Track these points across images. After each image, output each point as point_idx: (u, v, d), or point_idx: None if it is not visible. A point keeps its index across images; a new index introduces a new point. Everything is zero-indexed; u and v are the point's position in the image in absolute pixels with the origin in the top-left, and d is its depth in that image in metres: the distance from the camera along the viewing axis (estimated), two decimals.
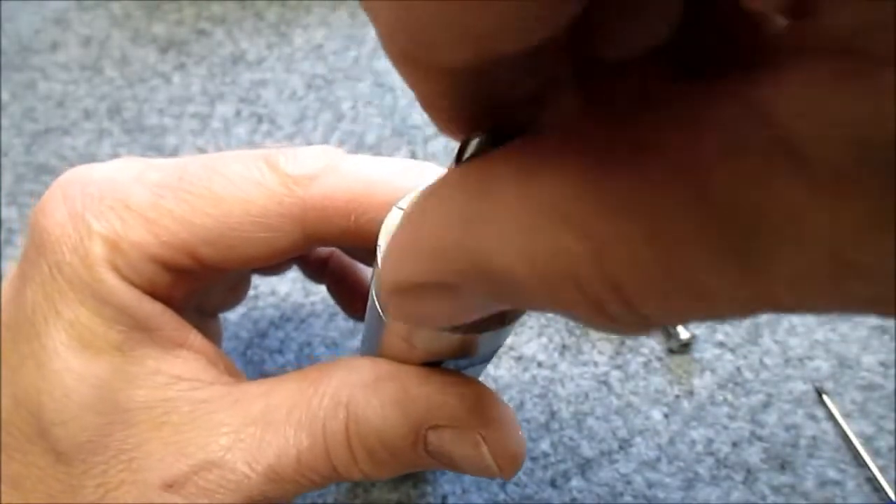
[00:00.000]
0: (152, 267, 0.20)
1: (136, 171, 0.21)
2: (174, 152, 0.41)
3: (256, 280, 0.35)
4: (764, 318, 0.35)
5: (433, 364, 0.20)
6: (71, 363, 0.19)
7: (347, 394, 0.19)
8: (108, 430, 0.19)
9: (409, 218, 0.12)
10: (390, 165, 0.21)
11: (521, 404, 0.33)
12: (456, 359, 0.19)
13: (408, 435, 0.19)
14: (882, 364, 0.33)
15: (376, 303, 0.18)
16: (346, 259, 0.29)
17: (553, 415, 0.33)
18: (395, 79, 0.43)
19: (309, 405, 0.19)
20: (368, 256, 0.22)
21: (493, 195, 0.11)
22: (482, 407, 0.19)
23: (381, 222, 0.18)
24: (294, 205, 0.20)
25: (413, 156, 0.40)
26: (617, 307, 0.10)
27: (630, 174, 0.09)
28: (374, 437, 0.19)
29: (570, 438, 0.32)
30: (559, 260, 0.10)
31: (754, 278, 0.09)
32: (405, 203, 0.18)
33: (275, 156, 0.20)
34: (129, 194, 0.20)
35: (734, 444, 0.32)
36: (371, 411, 0.19)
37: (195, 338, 0.21)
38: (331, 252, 0.29)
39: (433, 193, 0.12)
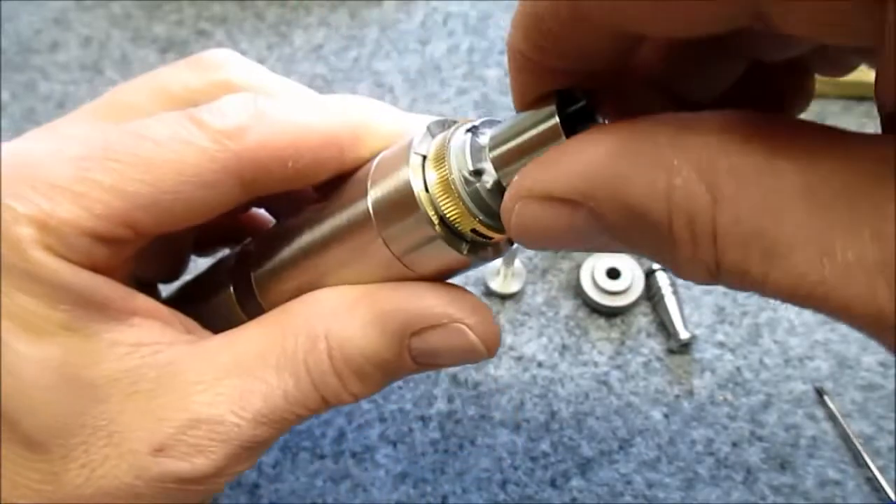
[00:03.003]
0: (87, 241, 0.19)
1: (51, 146, 0.20)
2: None
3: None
4: (764, 318, 0.35)
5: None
6: (23, 352, 0.19)
7: (323, 326, 0.20)
8: (79, 409, 0.19)
9: (561, 149, 0.15)
10: (316, 106, 0.20)
11: (521, 404, 0.33)
12: (439, 279, 0.20)
13: (392, 346, 0.20)
14: (882, 364, 0.33)
15: (373, 219, 0.19)
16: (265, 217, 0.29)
17: (553, 415, 0.33)
18: (395, 79, 0.43)
19: (283, 347, 0.20)
20: (299, 202, 0.22)
21: (645, 143, 0.13)
22: (458, 300, 0.20)
23: (317, 163, 0.20)
24: (228, 159, 0.19)
25: None
26: (706, 252, 0.12)
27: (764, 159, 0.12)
28: (360, 357, 0.20)
29: (570, 438, 0.32)
30: (687, 201, 0.12)
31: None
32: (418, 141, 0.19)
33: (198, 112, 0.19)
34: (51, 171, 0.19)
35: (734, 444, 0.32)
36: (352, 334, 0.20)
37: (144, 302, 0.21)
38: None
39: (584, 136, 0.15)
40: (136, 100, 0.23)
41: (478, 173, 0.18)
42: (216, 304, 0.24)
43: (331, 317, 0.20)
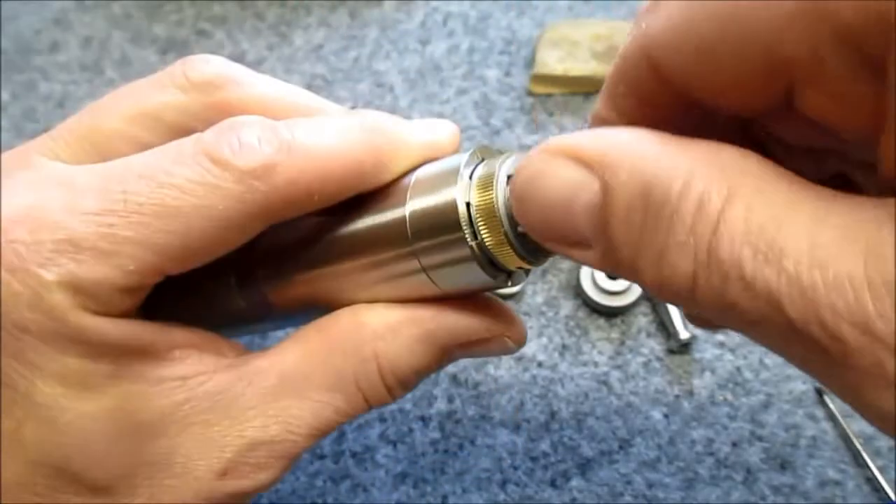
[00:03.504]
0: (120, 295, 0.19)
1: (64, 201, 0.19)
2: None
3: None
4: None
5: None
6: (80, 409, 0.19)
7: (371, 347, 0.21)
8: (139, 449, 0.20)
9: (617, 129, 0.15)
10: (336, 131, 0.20)
11: (521, 404, 0.33)
12: (461, 295, 0.21)
13: (439, 359, 0.21)
14: None
15: (408, 231, 0.19)
16: None
17: (553, 415, 0.33)
18: (395, 79, 0.43)
19: (331, 367, 0.21)
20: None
21: (681, 142, 0.14)
22: (496, 314, 0.21)
23: (339, 192, 0.20)
24: (257, 201, 0.19)
25: None
26: (701, 238, 0.13)
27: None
28: (411, 372, 0.21)
29: (570, 438, 0.32)
30: (704, 188, 0.13)
31: None
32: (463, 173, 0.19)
33: (216, 148, 0.19)
34: (71, 231, 0.18)
35: (734, 444, 0.32)
36: (402, 353, 0.21)
37: (178, 334, 0.21)
38: None
39: (625, 127, 0.15)
40: (120, 126, 0.22)
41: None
42: (213, 289, 0.24)
43: (378, 338, 0.21)
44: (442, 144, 0.22)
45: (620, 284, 0.34)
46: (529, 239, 0.18)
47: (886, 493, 0.30)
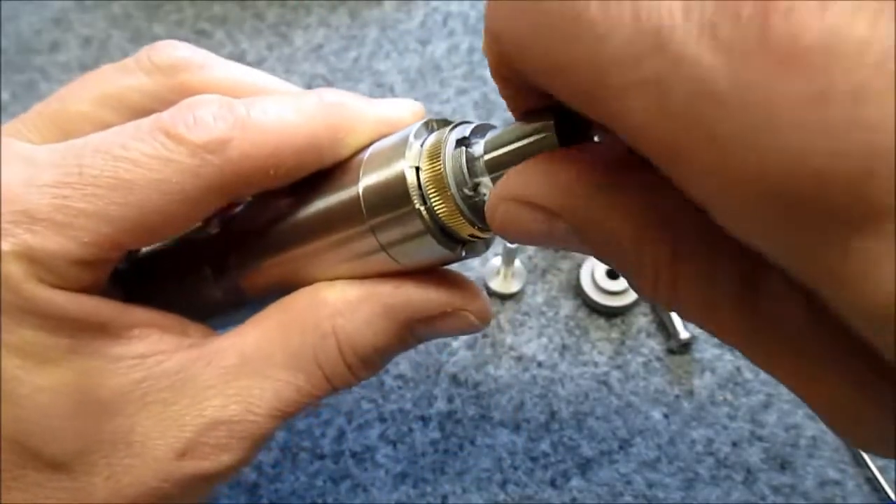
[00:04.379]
0: (77, 268, 0.19)
1: (22, 175, 0.19)
2: None
3: None
4: None
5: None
6: (36, 382, 0.19)
7: (330, 324, 0.20)
8: (96, 426, 0.20)
9: (548, 161, 0.16)
10: (293, 107, 0.20)
11: (521, 404, 0.33)
12: (424, 269, 0.21)
13: (400, 335, 0.21)
14: None
15: (363, 208, 0.19)
16: None
17: (553, 415, 0.33)
18: (395, 79, 0.43)
19: (290, 345, 0.21)
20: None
21: (624, 179, 0.14)
22: (457, 288, 0.21)
23: (297, 167, 0.20)
24: (211, 174, 0.19)
25: None
26: (665, 295, 0.14)
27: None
28: (370, 348, 0.21)
29: (570, 438, 0.32)
30: (654, 253, 0.14)
31: None
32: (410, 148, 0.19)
33: (172, 124, 0.19)
34: (28, 202, 0.18)
35: (734, 444, 0.32)
36: (361, 329, 0.20)
37: (139, 313, 0.21)
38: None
39: (572, 152, 0.16)
40: (86, 109, 0.22)
41: (475, 186, 0.18)
42: (190, 281, 0.24)
43: (337, 314, 0.20)
44: (404, 120, 0.22)
45: (620, 284, 0.34)
46: (480, 203, 0.18)
47: (886, 493, 0.30)
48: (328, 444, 0.33)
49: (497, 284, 0.35)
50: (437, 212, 0.19)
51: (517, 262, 0.35)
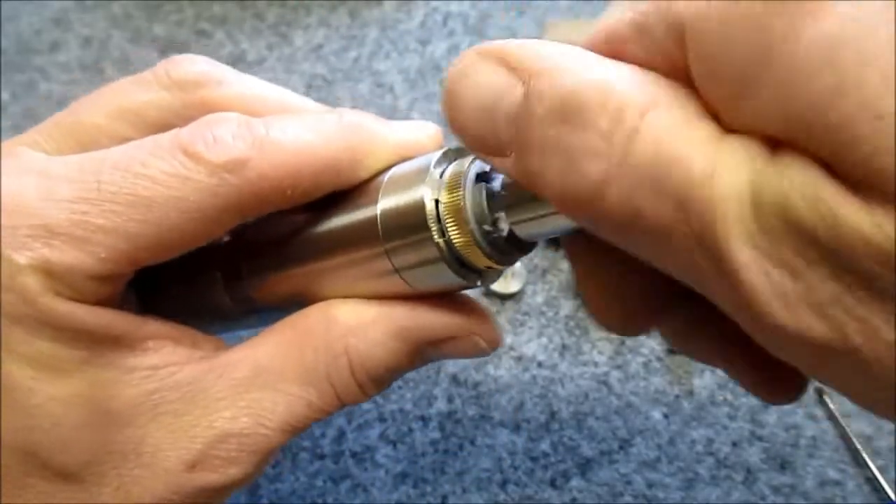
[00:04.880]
0: (93, 282, 0.19)
1: (40, 189, 0.19)
2: None
3: None
4: None
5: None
6: (49, 393, 0.19)
7: (343, 343, 0.21)
8: (108, 437, 0.20)
9: (545, 42, 0.15)
10: (312, 128, 0.20)
11: (521, 404, 0.33)
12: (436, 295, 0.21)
13: (410, 357, 0.21)
14: None
15: (379, 230, 0.19)
16: None
17: (553, 415, 0.33)
18: (395, 79, 0.43)
19: (303, 362, 0.21)
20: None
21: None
22: (469, 312, 0.21)
23: (314, 187, 0.20)
24: (229, 194, 0.19)
25: None
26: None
27: None
28: (381, 368, 0.21)
29: (570, 438, 0.32)
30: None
31: None
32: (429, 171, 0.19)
33: (190, 142, 0.19)
34: (46, 217, 0.19)
35: (734, 444, 0.32)
36: (373, 349, 0.21)
37: (153, 326, 0.21)
38: None
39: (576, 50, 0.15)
40: (103, 122, 0.23)
41: (494, 221, 0.18)
42: (200, 286, 0.24)
43: (349, 334, 0.21)
44: (421, 144, 0.22)
45: None
46: (498, 238, 0.18)
47: (886, 493, 0.30)
48: (328, 444, 0.33)
49: (497, 284, 0.35)
50: (455, 243, 0.19)
51: (517, 263, 0.35)
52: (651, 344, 0.34)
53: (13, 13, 0.49)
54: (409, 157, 0.21)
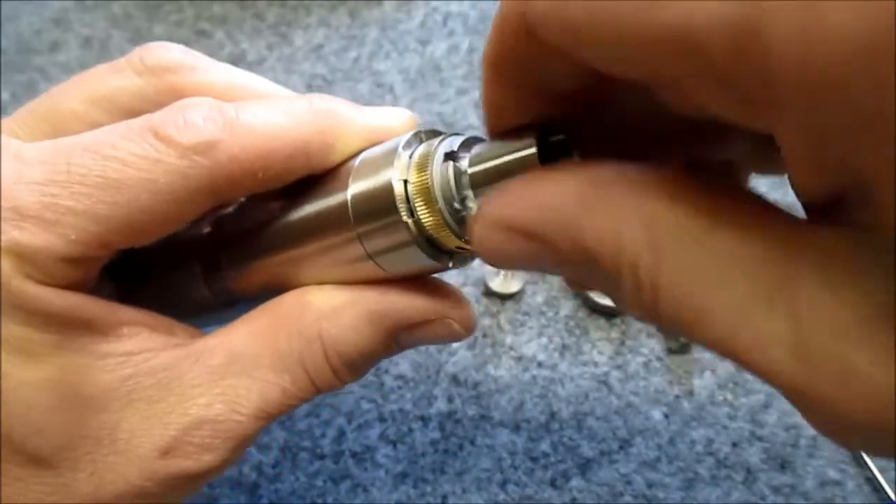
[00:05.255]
0: (64, 265, 0.19)
1: (10, 172, 0.19)
2: None
3: None
4: None
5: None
6: (21, 377, 0.19)
7: (316, 328, 0.21)
8: (81, 422, 0.20)
9: (527, 181, 0.16)
10: (283, 111, 0.20)
11: (521, 404, 0.33)
12: (412, 278, 0.21)
13: (384, 341, 0.21)
14: None
15: (350, 215, 0.19)
16: None
17: (553, 415, 0.33)
18: (395, 79, 0.43)
19: (277, 348, 0.21)
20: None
21: (602, 189, 0.14)
22: (442, 296, 0.21)
23: (286, 171, 0.20)
24: (199, 175, 0.19)
25: None
26: (647, 302, 0.14)
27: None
28: (355, 353, 0.21)
29: (570, 438, 0.32)
30: (633, 255, 0.14)
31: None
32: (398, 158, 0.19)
33: (161, 125, 0.19)
34: (16, 199, 0.19)
35: (734, 444, 0.32)
36: (346, 334, 0.21)
37: (127, 312, 0.21)
38: None
39: (548, 172, 0.16)
40: (77, 108, 0.23)
41: (462, 199, 0.18)
42: (179, 278, 0.24)
43: (323, 319, 0.21)
44: (393, 128, 0.22)
45: None
46: (467, 217, 0.18)
47: (886, 493, 0.30)
48: (328, 444, 0.33)
49: (497, 284, 0.35)
50: (424, 224, 0.19)
51: None
52: (651, 344, 0.34)
53: (13, 13, 0.49)
54: (380, 141, 0.21)
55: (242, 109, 0.20)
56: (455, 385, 0.34)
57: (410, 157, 0.19)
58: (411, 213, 0.19)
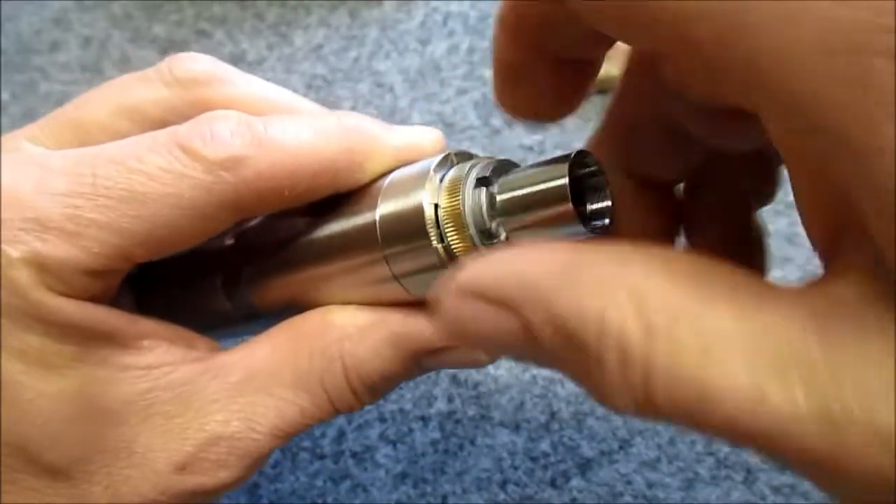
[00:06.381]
0: (85, 277, 0.19)
1: (35, 182, 0.19)
2: None
3: None
4: None
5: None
6: (40, 388, 0.19)
7: (338, 349, 0.20)
8: (99, 435, 0.20)
9: (504, 252, 0.14)
10: (311, 129, 0.20)
11: (521, 404, 0.33)
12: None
13: (406, 365, 0.21)
14: None
15: (378, 236, 0.19)
16: None
17: (553, 415, 0.33)
18: (395, 79, 0.43)
19: (298, 367, 0.20)
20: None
21: (586, 264, 0.13)
22: None
23: (312, 189, 0.20)
24: (225, 191, 0.19)
25: None
26: (637, 385, 0.12)
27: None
28: (376, 376, 0.21)
29: (570, 438, 0.32)
30: (620, 331, 0.12)
31: None
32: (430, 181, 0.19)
33: (188, 138, 0.19)
34: (39, 210, 0.18)
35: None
36: (368, 356, 0.20)
37: (147, 324, 0.21)
38: None
39: (531, 247, 0.14)
40: (103, 118, 0.23)
41: (493, 225, 0.18)
42: (200, 290, 0.24)
43: (345, 339, 0.20)
44: (422, 148, 0.22)
45: None
46: (497, 244, 0.18)
47: None
48: (328, 444, 0.33)
49: None
50: (454, 248, 0.18)
51: None
52: None
53: (13, 13, 0.49)
54: (409, 161, 0.21)
55: (270, 124, 0.20)
56: (455, 385, 0.34)
57: (441, 180, 0.19)
58: (441, 237, 0.18)
